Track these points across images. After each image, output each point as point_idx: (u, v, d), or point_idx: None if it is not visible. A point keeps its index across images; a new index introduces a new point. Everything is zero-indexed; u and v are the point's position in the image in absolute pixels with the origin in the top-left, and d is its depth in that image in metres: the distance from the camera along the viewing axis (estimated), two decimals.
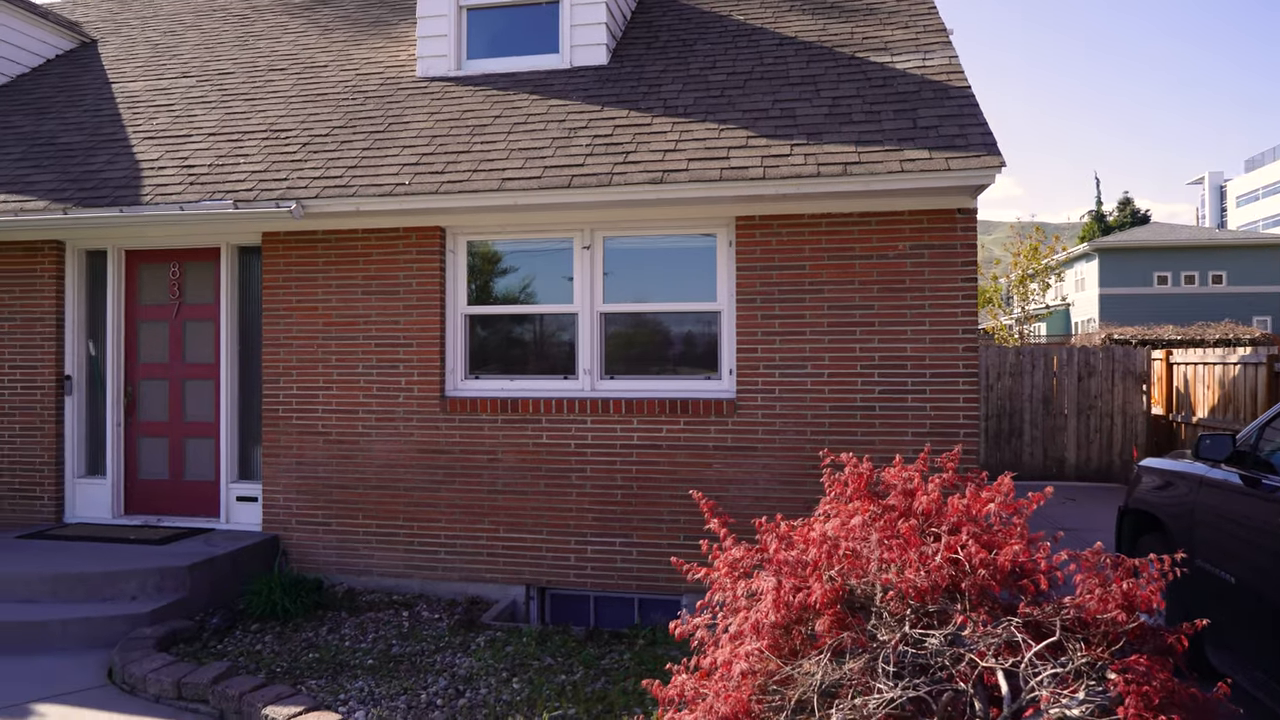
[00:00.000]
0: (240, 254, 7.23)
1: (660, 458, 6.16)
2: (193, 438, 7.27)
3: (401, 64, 8.31)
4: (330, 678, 4.89)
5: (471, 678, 4.87)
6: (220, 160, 7.06)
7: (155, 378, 7.38)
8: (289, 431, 6.75)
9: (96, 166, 7.36)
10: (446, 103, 7.31)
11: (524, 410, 6.36)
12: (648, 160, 6.00)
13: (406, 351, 6.57)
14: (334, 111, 7.54)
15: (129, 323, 7.40)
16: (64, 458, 7.33)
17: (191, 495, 7.25)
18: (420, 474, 6.53)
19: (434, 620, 5.89)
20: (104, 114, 8.43)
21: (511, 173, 6.13)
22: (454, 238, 6.64)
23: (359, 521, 6.62)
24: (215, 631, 5.66)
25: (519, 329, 6.75)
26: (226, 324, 7.13)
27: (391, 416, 6.58)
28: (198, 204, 6.42)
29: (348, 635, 5.59)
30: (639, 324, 6.55)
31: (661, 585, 6.12)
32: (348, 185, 6.33)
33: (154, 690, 4.75)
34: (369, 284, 6.65)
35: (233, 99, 8.22)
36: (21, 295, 7.37)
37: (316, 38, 9.48)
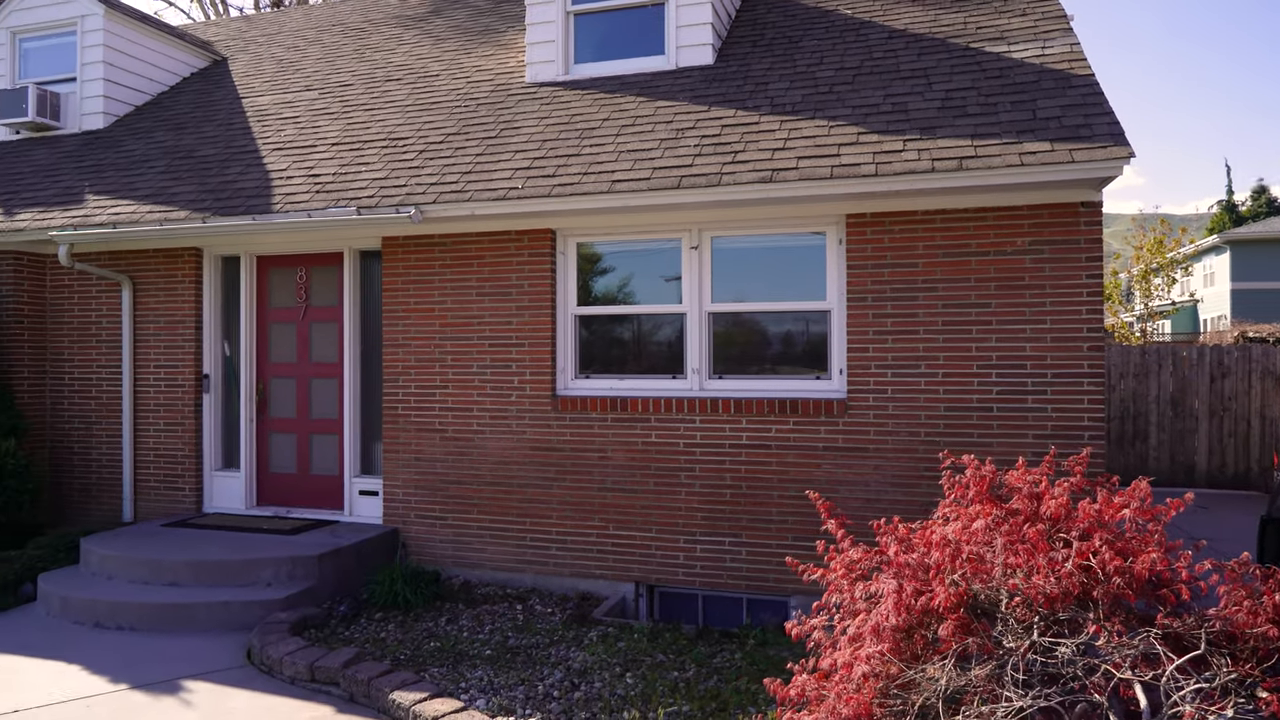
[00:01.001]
0: (362, 258, 7.57)
1: (769, 458, 6.14)
2: (318, 434, 7.65)
3: (511, 71, 8.52)
4: (451, 666, 5.07)
5: (586, 671, 4.97)
6: (343, 169, 7.40)
7: (284, 376, 7.80)
8: (407, 429, 7.03)
9: (231, 177, 7.82)
10: (555, 107, 7.47)
11: (633, 409, 6.44)
12: (756, 159, 5.98)
13: (519, 351, 6.74)
14: (448, 119, 7.80)
15: (260, 324, 7.84)
16: (203, 452, 7.83)
17: (317, 488, 7.62)
18: (532, 471, 6.69)
19: (547, 614, 6.04)
20: (236, 127, 8.95)
21: (621, 175, 6.21)
22: (564, 240, 6.78)
23: (473, 517, 6.84)
24: (342, 619, 5.94)
25: (627, 329, 6.83)
26: (349, 325, 7.47)
27: (504, 415, 6.77)
28: (324, 211, 6.75)
29: (465, 626, 5.78)
30: (746, 323, 6.54)
31: (770, 586, 6.10)
32: (463, 190, 6.54)
33: (289, 672, 5.03)
34: (483, 286, 6.85)
35: (353, 109, 8.59)
36: (165, 299, 7.89)
37: (429, 48, 9.81)
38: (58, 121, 9.77)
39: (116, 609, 5.90)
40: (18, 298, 8.09)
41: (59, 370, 8.27)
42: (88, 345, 8.16)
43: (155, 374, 7.91)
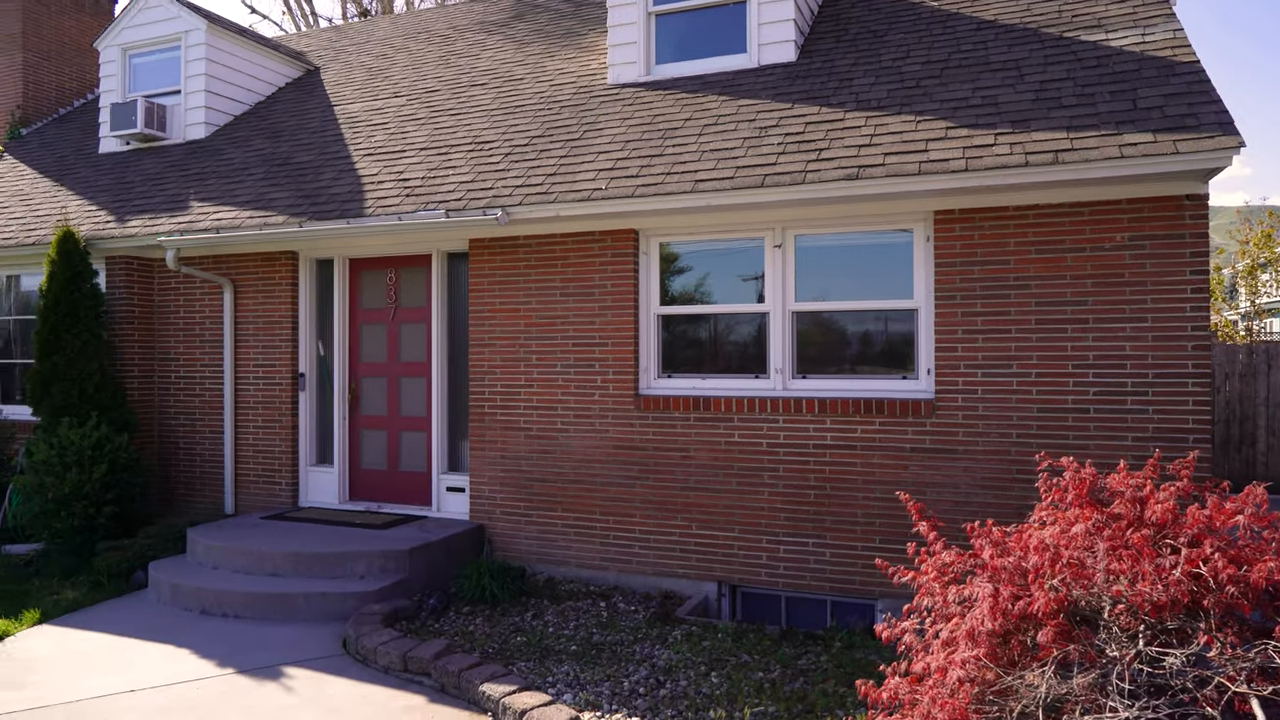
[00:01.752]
0: (449, 260, 7.75)
1: (854, 458, 6.07)
2: (407, 431, 7.87)
3: (593, 73, 8.61)
4: (538, 660, 5.16)
5: (670, 669, 5.00)
6: (431, 172, 7.59)
7: (374, 375, 8.05)
8: (493, 427, 7.17)
9: (325, 182, 8.10)
10: (638, 108, 7.52)
11: (715, 409, 6.44)
12: (841, 156, 5.92)
13: (602, 351, 6.81)
14: (532, 122, 7.92)
15: (352, 325, 8.11)
16: (299, 448, 8.14)
17: (406, 484, 7.84)
18: (615, 470, 6.76)
19: (630, 612, 6.09)
20: (329, 134, 9.26)
21: (704, 174, 6.22)
22: (647, 240, 6.82)
23: (557, 514, 6.94)
24: (432, 611, 6.10)
25: (709, 328, 6.83)
26: (437, 326, 7.67)
27: (588, 414, 6.85)
28: (413, 214, 6.94)
29: (551, 622, 5.88)
30: (829, 322, 6.47)
31: (855, 588, 6.03)
32: (548, 192, 6.64)
33: (383, 662, 5.19)
34: (567, 286, 6.94)
35: (440, 115, 8.81)
36: (263, 301, 8.23)
37: (513, 52, 9.99)
38: (164, 132, 10.27)
39: (221, 597, 6.18)
40: (129, 300, 8.54)
41: (166, 369, 8.70)
42: (192, 345, 8.56)
43: (254, 373, 8.26)
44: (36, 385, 7.83)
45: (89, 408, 7.75)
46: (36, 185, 10.25)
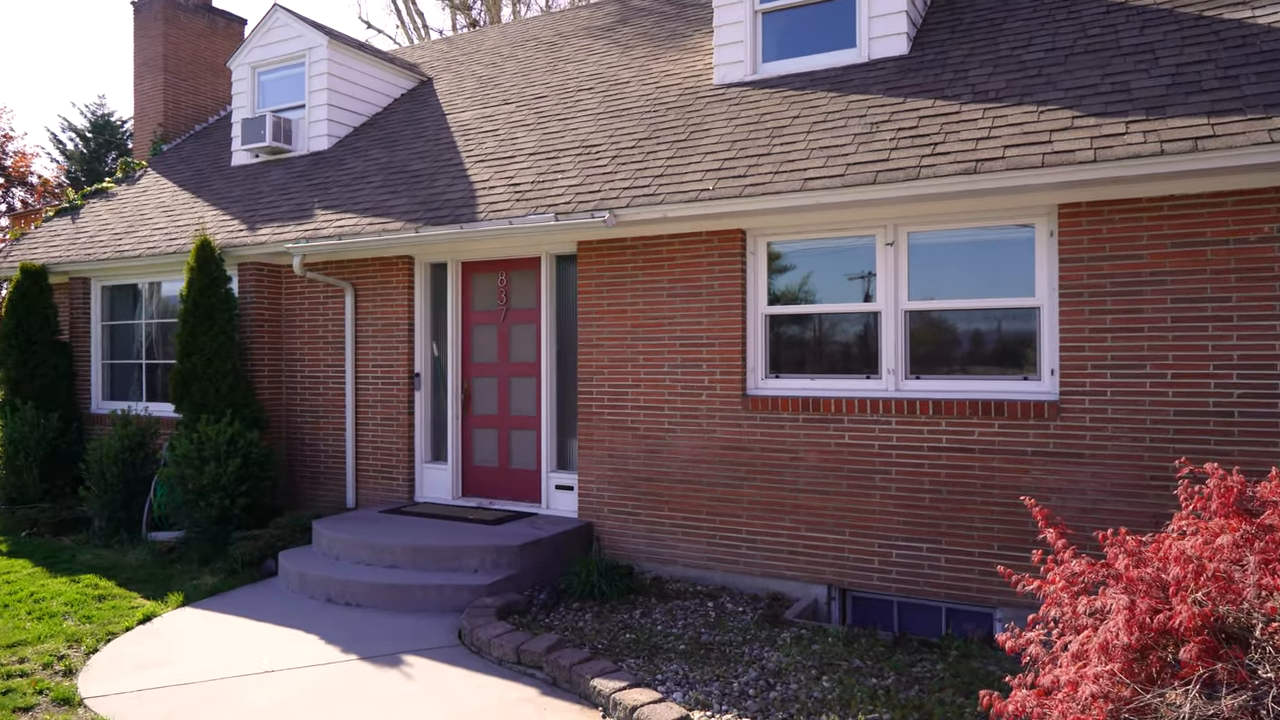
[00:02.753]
0: (557, 262, 7.89)
1: (971, 462, 5.86)
2: (517, 430, 8.05)
3: (698, 73, 8.61)
4: (646, 658, 5.19)
5: (780, 672, 4.95)
6: (541, 177, 7.74)
7: (485, 375, 8.26)
8: (601, 426, 7.25)
9: (439, 189, 8.37)
10: (744, 107, 7.47)
11: (825, 410, 6.34)
12: (958, 150, 5.73)
13: (709, 351, 6.80)
14: (638, 124, 7.98)
15: (465, 327, 8.35)
16: (414, 445, 8.43)
17: (516, 482, 8.02)
18: (722, 470, 6.73)
19: (738, 613, 6.05)
20: (442, 142, 9.57)
21: (813, 172, 6.13)
22: (754, 239, 6.77)
23: (664, 514, 6.96)
24: (542, 606, 6.21)
25: (819, 328, 6.73)
26: (546, 327, 7.81)
27: (695, 414, 6.85)
28: (524, 218, 7.09)
29: (659, 620, 5.90)
30: (944, 322, 6.28)
31: (972, 595, 5.82)
32: (655, 194, 6.67)
33: (497, 653, 5.32)
34: (673, 286, 6.96)
35: (548, 120, 8.97)
36: (382, 304, 8.56)
37: (618, 56, 10.09)
38: (289, 145, 10.82)
39: (344, 587, 6.46)
40: (259, 304, 9.03)
41: (292, 369, 9.16)
42: (316, 346, 8.98)
43: (373, 373, 8.60)
44: (177, 384, 8.37)
45: (224, 405, 8.23)
46: (177, 197, 10.95)
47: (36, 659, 5.36)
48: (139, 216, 10.75)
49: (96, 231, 10.78)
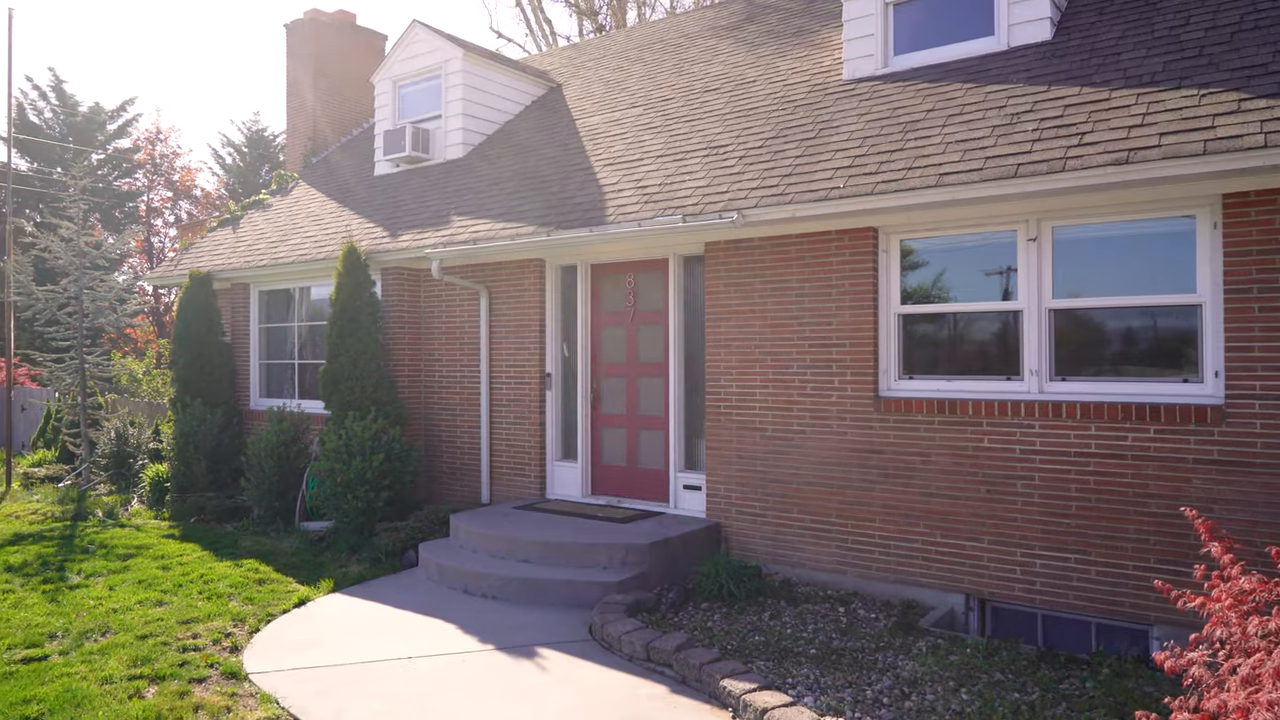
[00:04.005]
0: (685, 263, 7.93)
1: (1124, 469, 5.54)
2: (645, 429, 8.14)
3: (827, 70, 8.47)
4: (776, 661, 5.16)
5: (916, 681, 4.82)
6: (668, 179, 7.80)
7: (614, 375, 8.39)
8: (729, 426, 7.25)
9: (569, 193, 8.56)
10: (875, 102, 7.31)
11: (962, 412, 6.13)
12: (1107, 140, 5.42)
13: (839, 351, 6.68)
14: (765, 124, 7.93)
15: (594, 327, 8.51)
16: (546, 443, 8.65)
17: (643, 481, 8.12)
18: (853, 472, 6.61)
19: (870, 619, 5.93)
20: (571, 147, 9.78)
21: (949, 167, 5.94)
22: (886, 237, 6.61)
23: (793, 515, 6.89)
24: (671, 605, 6.27)
25: (954, 328, 6.51)
26: (673, 327, 7.87)
27: (824, 415, 6.75)
28: (652, 220, 7.16)
29: (788, 623, 5.85)
30: (1091, 321, 5.95)
31: (1124, 611, 5.50)
32: (783, 193, 6.61)
33: (627, 650, 5.40)
34: (802, 286, 6.88)
35: (675, 122, 9.03)
36: (514, 306, 8.83)
37: (744, 55, 10.04)
38: (427, 154, 11.30)
39: (480, 579, 6.71)
40: (400, 307, 9.48)
41: (430, 369, 9.57)
42: (453, 347, 9.35)
43: (506, 372, 8.88)
44: (326, 383, 8.89)
45: (369, 403, 8.68)
46: (325, 207, 11.63)
47: (207, 635, 5.81)
48: (291, 225, 11.48)
49: (254, 240, 11.58)
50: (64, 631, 5.88)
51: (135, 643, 5.62)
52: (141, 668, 5.21)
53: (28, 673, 5.15)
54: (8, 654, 5.46)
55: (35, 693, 4.84)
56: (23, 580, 7.18)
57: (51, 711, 4.61)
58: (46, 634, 5.84)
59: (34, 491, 11.55)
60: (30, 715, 4.58)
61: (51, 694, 4.81)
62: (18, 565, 7.66)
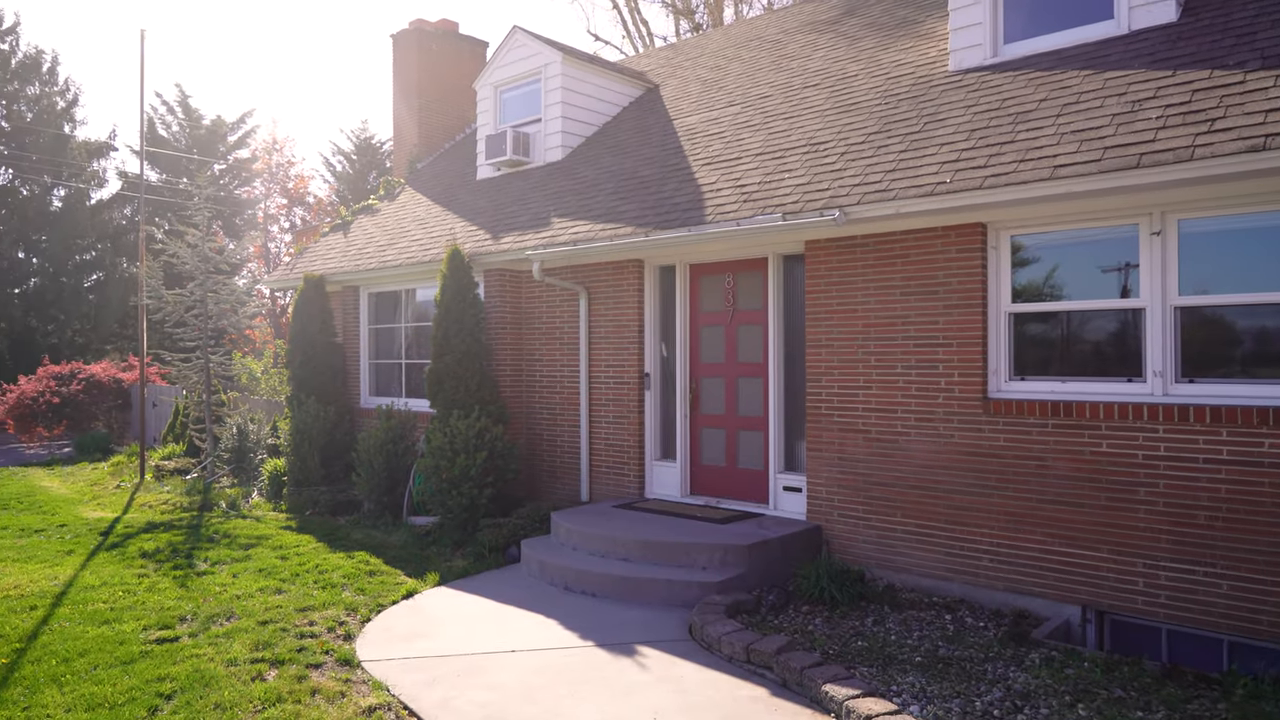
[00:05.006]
0: (784, 262, 7.83)
1: (1260, 478, 5.19)
2: (744, 430, 8.08)
3: (932, 61, 8.24)
4: (880, 667, 5.04)
5: (1029, 694, 4.63)
6: (767, 177, 7.73)
7: (713, 376, 8.37)
8: (830, 428, 7.13)
9: (667, 193, 8.58)
10: (984, 93, 7.06)
11: (1078, 415, 5.85)
12: (1242, 125, 5.09)
13: (946, 351, 6.49)
14: (868, 119, 7.76)
15: (693, 328, 8.50)
16: (644, 443, 8.69)
17: (742, 482, 8.06)
18: (960, 476, 6.40)
19: (979, 628, 5.73)
20: (669, 147, 9.79)
21: (1064, 159, 5.69)
22: (996, 233, 6.38)
23: (897, 520, 6.72)
24: (770, 607, 6.20)
25: (1069, 327, 6.23)
26: (773, 327, 7.79)
27: (930, 417, 6.56)
28: (751, 219, 7.10)
29: (892, 629, 5.71)
30: (1223, 319, 5.60)
31: (1261, 630, 5.15)
32: (887, 189, 6.46)
33: (727, 651, 5.38)
34: (906, 285, 6.71)
35: (773, 119, 8.94)
36: (613, 306, 8.90)
37: (845, 49, 9.86)
38: (527, 157, 11.51)
39: (580, 576, 6.79)
40: (502, 307, 9.68)
41: (531, 369, 9.74)
42: (553, 347, 9.50)
43: (605, 372, 8.97)
44: (432, 382, 9.15)
45: (472, 402, 8.90)
46: (430, 211, 11.99)
47: (322, 623, 6.06)
48: (398, 229, 11.87)
49: (364, 244, 12.02)
50: (193, 615, 6.24)
51: (257, 628, 5.92)
52: (263, 652, 5.47)
53: (161, 652, 5.48)
54: (144, 634, 5.82)
55: (169, 671, 5.15)
56: (156, 566, 7.65)
57: (183, 690, 4.90)
58: (177, 617, 6.21)
59: (164, 483, 12.30)
60: (164, 692, 4.87)
61: (183, 673, 5.11)
62: (151, 552, 8.17)
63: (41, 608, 6.44)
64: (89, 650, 5.51)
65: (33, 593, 6.83)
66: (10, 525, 9.60)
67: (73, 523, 9.67)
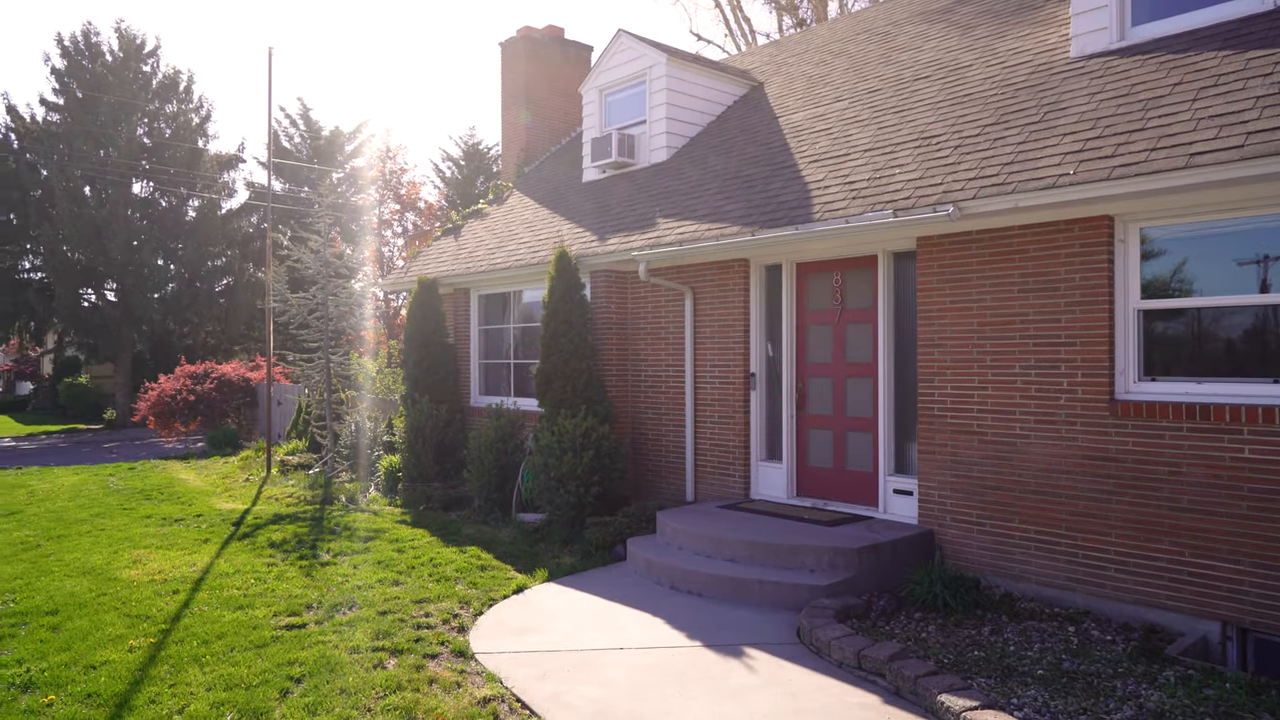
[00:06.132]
0: (895, 259, 7.65)
1: None
2: (852, 431, 7.93)
3: (1052, 47, 7.89)
4: (999, 679, 4.86)
5: (1163, 715, 4.38)
6: (877, 173, 7.56)
7: (820, 375, 8.24)
8: (943, 430, 6.91)
9: (773, 192, 8.50)
10: (1110, 79, 6.72)
11: (1217, 418, 5.50)
12: None
13: (1068, 351, 6.20)
14: (983, 110, 7.50)
15: (799, 327, 8.40)
16: (750, 443, 8.64)
17: (850, 484, 7.91)
18: (1084, 482, 6.11)
19: (1105, 642, 5.46)
20: (774, 145, 9.70)
21: (1201, 146, 5.35)
22: (1123, 226, 6.06)
23: (1015, 525, 6.47)
24: (881, 613, 6.07)
25: (1203, 325, 5.86)
26: (883, 326, 7.61)
27: (1051, 419, 6.28)
28: (860, 216, 6.96)
29: (1011, 640, 5.50)
30: None
31: None
32: (1005, 183, 6.23)
33: (837, 656, 5.29)
34: (1025, 281, 6.44)
35: (882, 114, 8.74)
36: (718, 306, 8.88)
37: (958, 39, 9.55)
38: (632, 159, 11.60)
39: (686, 576, 6.80)
40: (608, 308, 9.79)
41: (636, 369, 9.81)
42: (658, 347, 9.54)
43: (710, 372, 8.95)
44: (540, 382, 9.34)
45: (579, 401, 9.03)
46: (537, 214, 12.23)
47: (437, 615, 6.27)
48: (507, 233, 12.15)
49: (474, 248, 12.36)
50: (318, 603, 6.55)
51: (376, 617, 6.16)
52: (382, 640, 5.70)
53: (290, 638, 5.78)
54: (274, 620, 6.15)
55: (297, 656, 5.42)
56: (283, 556, 8.06)
57: (310, 674, 5.14)
58: (304, 604, 6.53)
59: (289, 477, 12.95)
60: (294, 675, 5.13)
61: (310, 658, 5.37)
62: (278, 542, 8.62)
63: (183, 592, 6.88)
64: (226, 633, 5.86)
65: (175, 578, 7.30)
66: (154, 514, 10.29)
67: (207, 513, 10.29)
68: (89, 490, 12.35)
